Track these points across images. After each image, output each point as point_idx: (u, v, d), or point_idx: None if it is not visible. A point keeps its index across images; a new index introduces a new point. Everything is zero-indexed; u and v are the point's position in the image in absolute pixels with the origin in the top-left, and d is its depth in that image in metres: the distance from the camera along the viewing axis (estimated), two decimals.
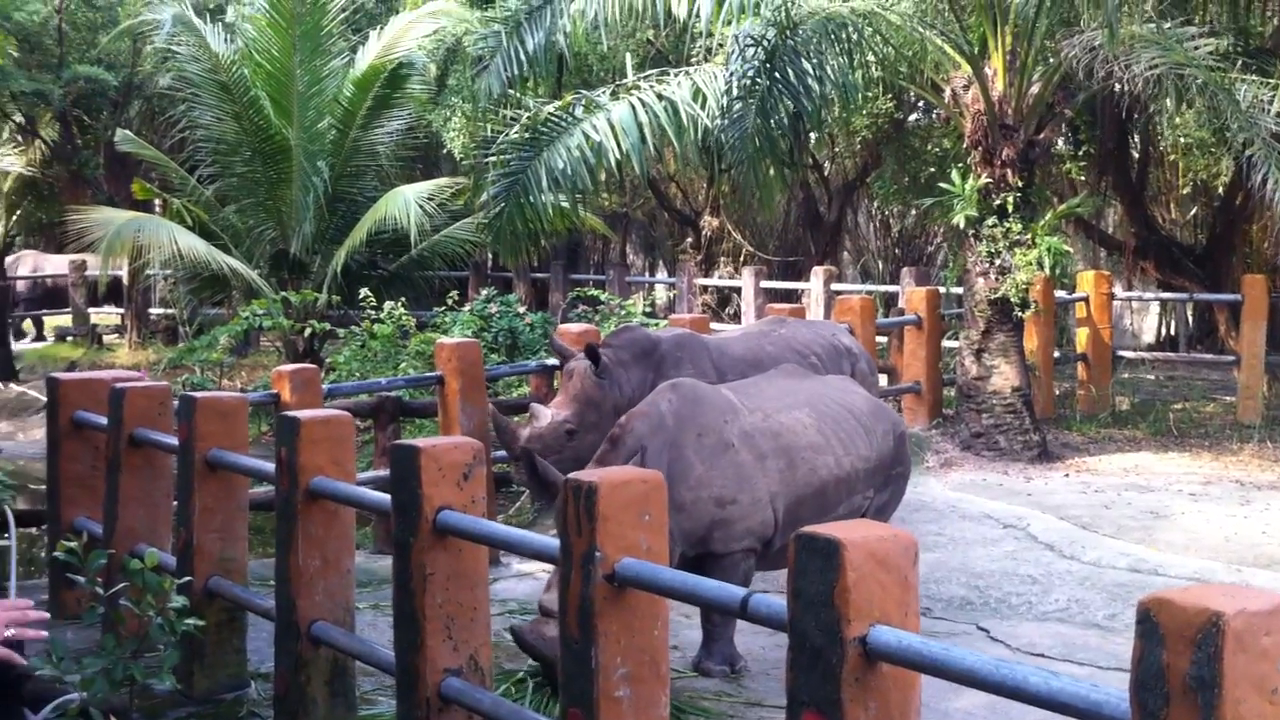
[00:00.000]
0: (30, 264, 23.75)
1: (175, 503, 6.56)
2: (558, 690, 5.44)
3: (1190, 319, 18.13)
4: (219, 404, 6.09)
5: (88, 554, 4.67)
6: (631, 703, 3.90)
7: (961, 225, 10.99)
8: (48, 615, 2.35)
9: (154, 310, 21.55)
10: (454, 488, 4.60)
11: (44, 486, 12.06)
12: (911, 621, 3.24)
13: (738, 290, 17.75)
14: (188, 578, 5.65)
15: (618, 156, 9.39)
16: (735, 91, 9.03)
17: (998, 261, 10.96)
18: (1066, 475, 10.74)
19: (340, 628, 5.28)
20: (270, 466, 5.79)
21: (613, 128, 9.31)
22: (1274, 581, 7.57)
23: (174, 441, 6.25)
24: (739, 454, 5.81)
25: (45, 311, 25.31)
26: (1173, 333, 18.64)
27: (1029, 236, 10.89)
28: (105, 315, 23.61)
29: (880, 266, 23.85)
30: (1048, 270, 10.89)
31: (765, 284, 17.15)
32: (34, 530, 10.08)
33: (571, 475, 4.02)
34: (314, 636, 5.23)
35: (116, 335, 22.15)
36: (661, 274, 25.09)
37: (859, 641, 3.14)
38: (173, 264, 13.32)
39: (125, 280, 20.79)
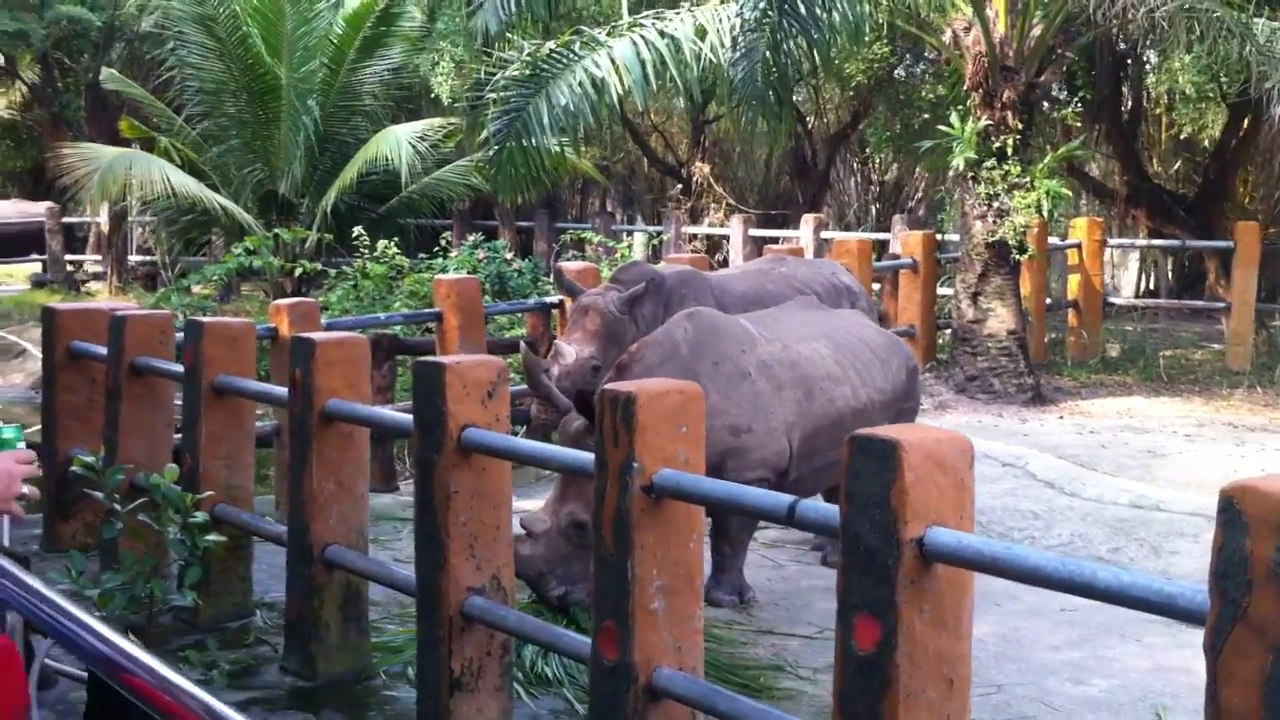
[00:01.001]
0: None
1: (177, 434, 6.47)
2: (543, 604, 5.38)
3: (1170, 271, 18.17)
4: (226, 329, 5.98)
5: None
6: (667, 615, 3.85)
7: (960, 168, 10.92)
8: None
9: (133, 258, 21.30)
10: (478, 405, 4.52)
11: (25, 430, 11.97)
12: (966, 525, 3.19)
13: (726, 239, 17.66)
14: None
15: (620, 93, 9.26)
16: (746, 22, 8.91)
17: (995, 204, 10.91)
18: (1061, 418, 10.75)
19: (354, 550, 5.21)
20: (277, 390, 5.71)
21: (615, 64, 9.17)
22: None
23: (178, 369, 6.14)
24: (756, 383, 5.74)
25: (20, 259, 25.00)
26: (1152, 286, 18.68)
27: (1027, 180, 10.84)
28: (83, 262, 23.32)
29: (863, 220, 23.78)
30: (1046, 213, 10.85)
31: (753, 232, 17.06)
32: None
33: (608, 386, 3.94)
34: (328, 560, 5.15)
35: (95, 282, 21.89)
36: (630, 225, 24.92)
37: (915, 543, 3.09)
38: (159, 204, 13.13)
39: (105, 226, 20.52)
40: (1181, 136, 16.69)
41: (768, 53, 8.75)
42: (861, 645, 3.15)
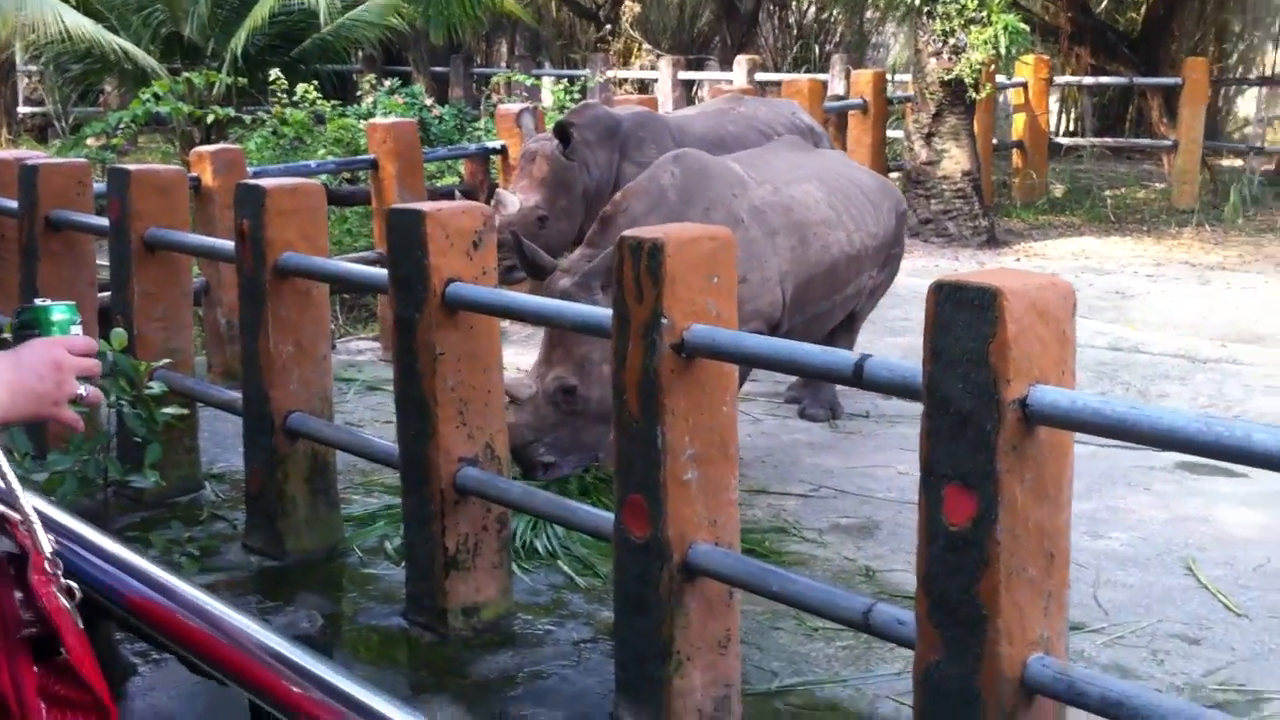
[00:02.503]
0: None
1: (102, 294, 5.88)
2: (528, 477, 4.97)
3: (1091, 112, 17.87)
4: (156, 177, 5.37)
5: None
6: (700, 486, 3.45)
7: (915, 2, 10.39)
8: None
9: (21, 109, 19.99)
10: (464, 257, 4.03)
11: None
12: (1068, 382, 2.80)
13: (654, 83, 16.96)
14: None
15: None
16: None
17: (951, 41, 10.43)
18: (1018, 260, 10.48)
19: (320, 418, 4.72)
20: (222, 244, 5.14)
21: None
22: (1262, 356, 7.39)
23: (102, 222, 5.52)
24: (749, 230, 5.27)
25: None
26: (1071, 127, 18.38)
27: (984, 14, 10.35)
28: None
29: (781, 62, 23.11)
30: (1003, 50, 10.38)
31: (682, 75, 16.38)
32: None
33: (629, 233, 3.47)
34: (291, 429, 4.68)
35: None
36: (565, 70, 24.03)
37: (1018, 404, 2.69)
38: (51, 50, 12.09)
39: None
40: None
41: None
42: (953, 519, 2.77)
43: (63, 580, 1.48)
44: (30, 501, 1.50)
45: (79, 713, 1.46)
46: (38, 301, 1.72)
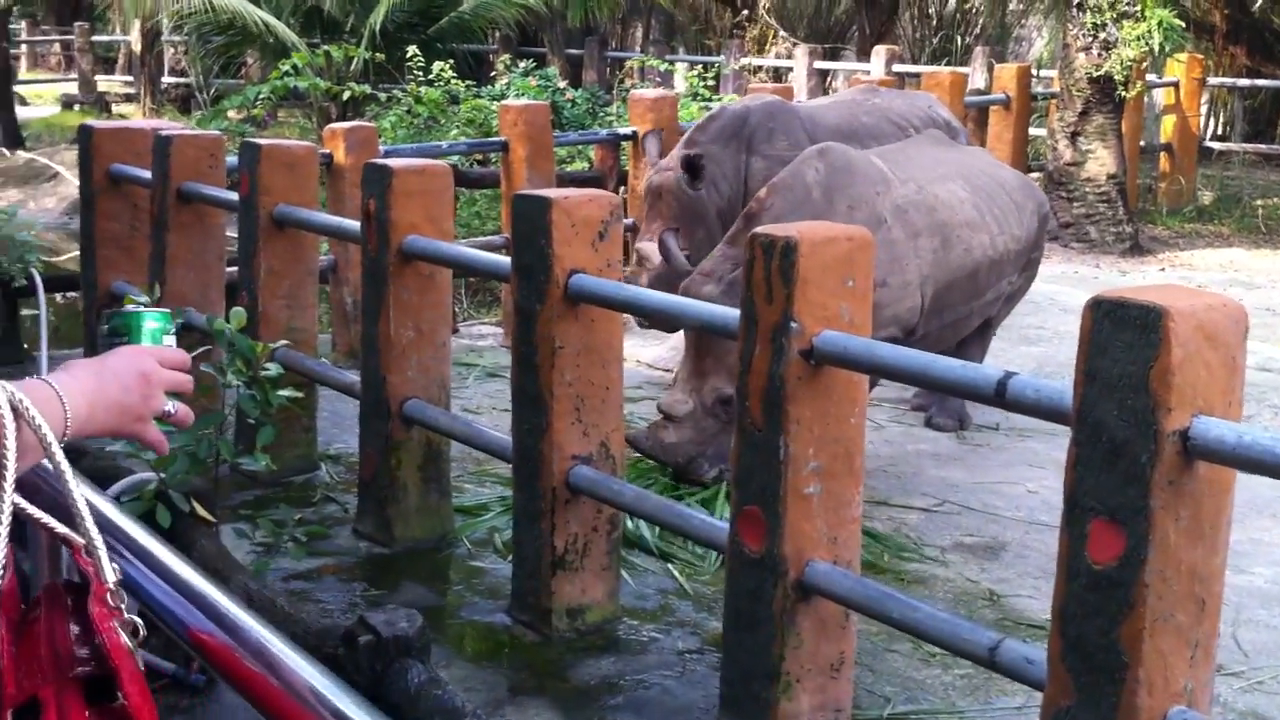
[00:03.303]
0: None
1: (229, 268, 5.90)
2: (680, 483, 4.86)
3: (1241, 116, 17.13)
4: (287, 153, 5.35)
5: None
6: (822, 501, 3.28)
7: None
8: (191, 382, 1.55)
9: (166, 79, 20.47)
10: (588, 248, 3.90)
11: (58, 258, 11.41)
12: (1234, 413, 2.58)
13: (789, 71, 16.71)
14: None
15: None
16: None
17: (1102, 35, 10.02)
18: (1162, 269, 10.06)
19: (436, 406, 4.65)
20: (348, 223, 5.10)
21: None
22: None
23: (232, 197, 5.52)
24: (891, 230, 5.05)
25: (49, 79, 24.20)
26: (1221, 130, 17.64)
27: (1138, 8, 9.92)
28: (113, 84, 22.52)
29: (919, 54, 22.60)
30: (1156, 47, 9.95)
31: (819, 64, 16.11)
32: (59, 297, 9.40)
33: (761, 229, 3.30)
34: (407, 416, 4.60)
35: (126, 104, 21.12)
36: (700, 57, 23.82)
37: (1179, 435, 2.48)
38: (195, 21, 12.29)
39: (137, 46, 19.67)
40: None
41: None
42: (1097, 557, 2.56)
43: (126, 615, 1.34)
44: (94, 522, 1.37)
45: None
46: (129, 306, 1.61)
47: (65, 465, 1.35)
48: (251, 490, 5.06)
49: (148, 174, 5.95)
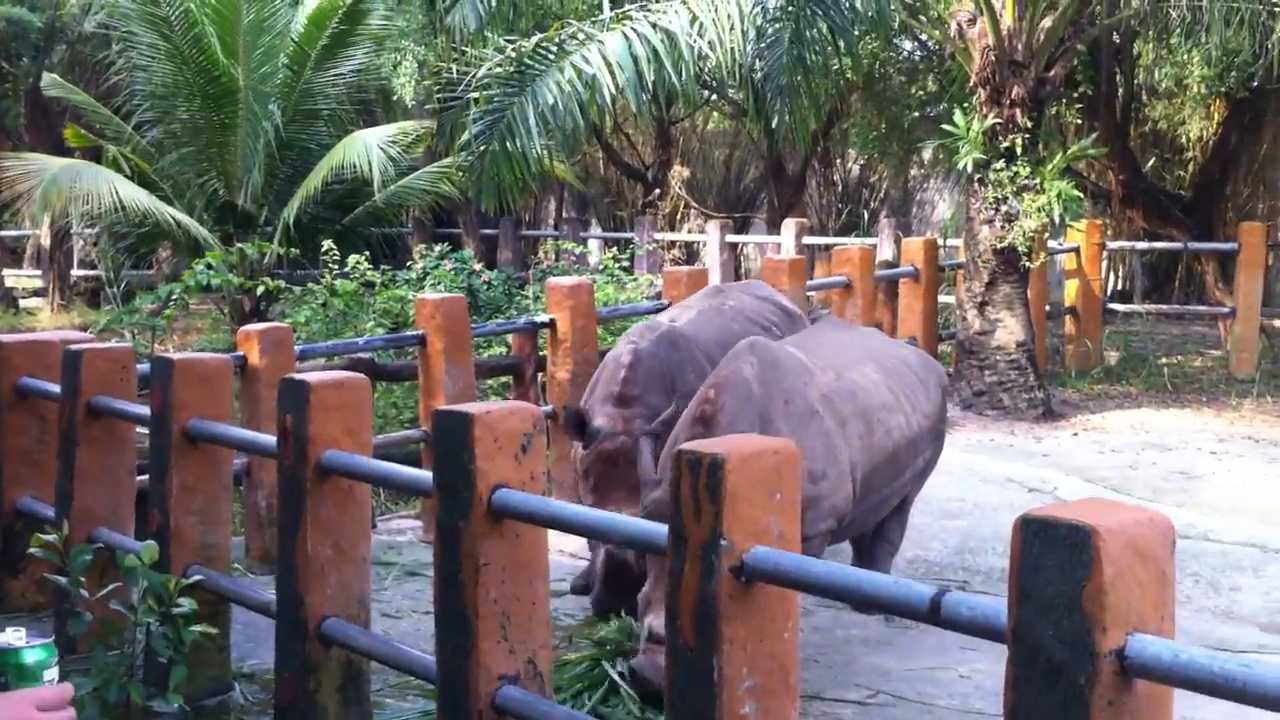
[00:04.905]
0: None
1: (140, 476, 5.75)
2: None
3: (1141, 273, 17.70)
4: (200, 366, 5.26)
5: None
6: None
7: (969, 169, 10.33)
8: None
9: (75, 272, 20.31)
10: (511, 461, 3.85)
11: None
12: (1167, 628, 2.56)
13: (700, 244, 17.02)
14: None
15: (613, 91, 8.56)
16: (769, 11, 8.23)
17: (1004, 208, 10.33)
18: (1075, 434, 10.20)
19: (356, 624, 4.51)
20: (264, 439, 5.00)
21: (606, 61, 8.48)
22: None
23: (143, 411, 5.42)
24: (824, 421, 5.04)
25: None
26: (1122, 286, 18.19)
27: (1037, 181, 10.26)
28: (20, 278, 22.29)
29: (827, 224, 23.17)
30: (1057, 218, 10.27)
31: (730, 238, 16.44)
32: None
33: (686, 447, 3.28)
34: (325, 636, 4.45)
35: (35, 298, 20.88)
36: (597, 233, 24.20)
37: (1115, 655, 2.46)
38: (106, 218, 12.27)
39: (46, 240, 19.56)
40: (1177, 135, 16.21)
41: (793, 45, 8.09)
42: None
43: None
44: None
45: None
46: (8, 642, 1.52)
47: None
48: (162, 716, 4.83)
49: (56, 388, 5.84)
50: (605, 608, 5.54)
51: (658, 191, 19.30)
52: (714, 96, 18.89)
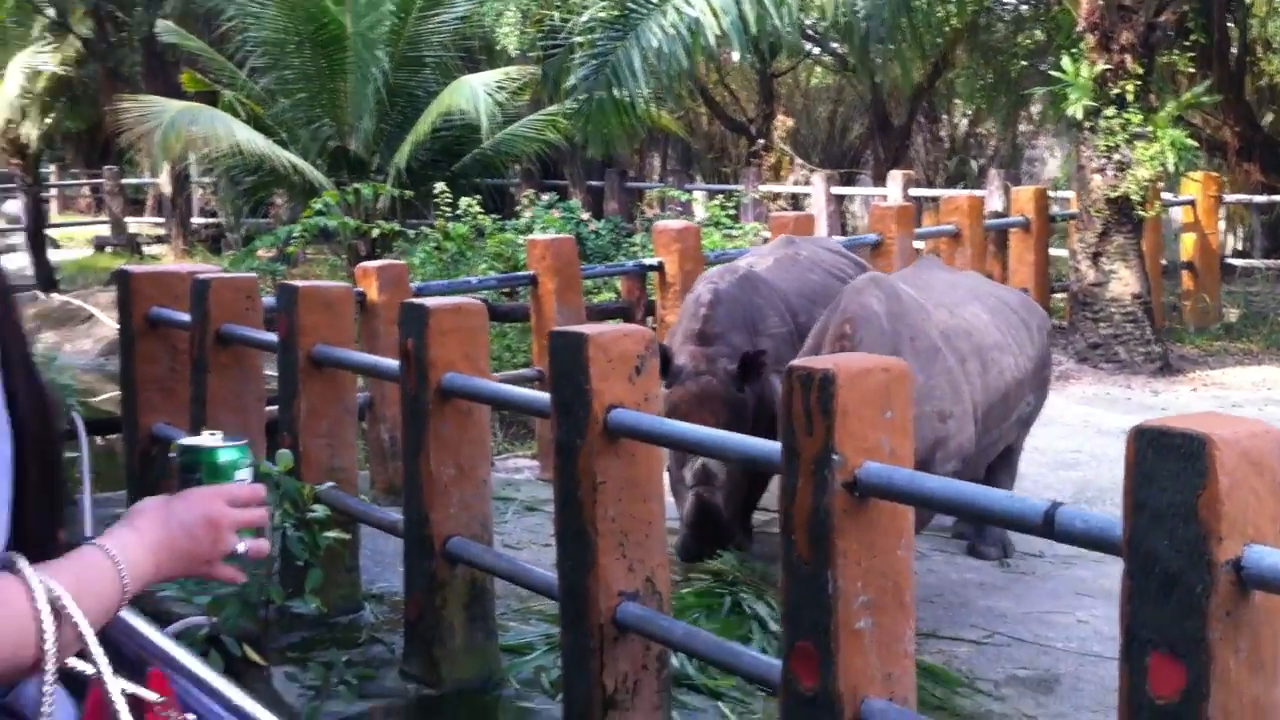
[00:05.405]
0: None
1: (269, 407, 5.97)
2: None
3: (1261, 233, 17.25)
4: (323, 294, 5.46)
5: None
6: (874, 636, 3.26)
7: (1078, 116, 10.16)
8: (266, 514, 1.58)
9: (196, 219, 20.85)
10: (626, 382, 3.95)
11: (96, 399, 11.52)
12: None
13: (807, 197, 16.95)
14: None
15: (717, 33, 8.55)
16: None
17: (1116, 156, 10.15)
18: (1194, 389, 10.04)
19: (479, 543, 4.66)
20: (386, 362, 5.17)
21: (709, 3, 8.47)
22: None
23: (270, 338, 5.62)
24: (947, 359, 5.01)
25: (81, 221, 24.69)
26: (1240, 246, 17.74)
27: (1150, 129, 10.07)
28: (144, 225, 22.94)
29: (933, 177, 22.88)
30: (1171, 166, 10.07)
31: (836, 190, 16.34)
32: (99, 439, 9.46)
33: (798, 363, 3.35)
34: (450, 554, 4.62)
35: (157, 245, 21.50)
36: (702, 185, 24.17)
37: (1231, 565, 2.48)
38: (224, 163, 12.59)
39: (167, 188, 20.10)
40: None
41: None
42: (1159, 691, 2.55)
43: None
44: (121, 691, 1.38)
45: None
46: (202, 440, 1.55)
47: (104, 663, 1.35)
48: (298, 632, 5.03)
49: (186, 317, 6.07)
50: (692, 556, 5.49)
51: (762, 143, 19.22)
52: (817, 49, 18.73)
